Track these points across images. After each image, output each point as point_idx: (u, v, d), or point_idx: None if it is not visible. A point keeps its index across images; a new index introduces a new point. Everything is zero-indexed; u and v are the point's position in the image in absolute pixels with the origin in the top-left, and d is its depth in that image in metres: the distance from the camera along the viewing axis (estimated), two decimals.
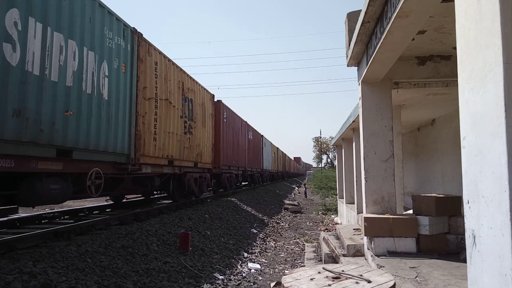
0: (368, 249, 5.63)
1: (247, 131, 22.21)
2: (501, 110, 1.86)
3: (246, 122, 21.85)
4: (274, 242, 11.01)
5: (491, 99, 1.95)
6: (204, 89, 13.64)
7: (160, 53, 9.70)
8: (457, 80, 2.37)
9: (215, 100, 15.52)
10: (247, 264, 8.05)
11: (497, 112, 1.90)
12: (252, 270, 7.63)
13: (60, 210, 9.58)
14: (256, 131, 25.91)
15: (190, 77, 12.14)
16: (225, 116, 16.43)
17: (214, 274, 6.61)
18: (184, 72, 11.50)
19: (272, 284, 6.57)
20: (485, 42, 2.01)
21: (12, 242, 5.51)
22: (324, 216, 17.80)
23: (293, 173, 71.17)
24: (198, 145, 12.51)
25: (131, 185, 9.21)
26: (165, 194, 12.59)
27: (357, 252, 6.09)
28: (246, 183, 24.89)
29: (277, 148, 41.31)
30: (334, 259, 6.61)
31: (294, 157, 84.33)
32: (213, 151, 14.39)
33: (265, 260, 8.79)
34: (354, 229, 7.59)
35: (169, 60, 10.31)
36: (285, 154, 55.45)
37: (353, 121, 9.71)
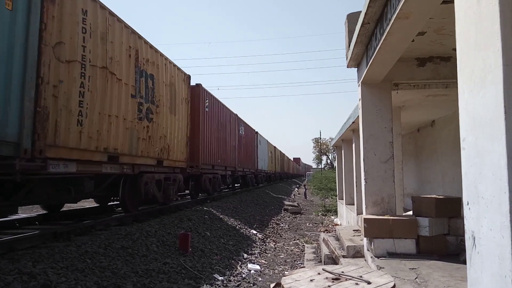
0: (368, 250, 5.62)
1: (238, 126, 19.55)
2: (501, 112, 1.86)
3: (236, 115, 19.09)
4: (274, 243, 11.01)
5: (491, 100, 1.95)
6: (175, 66, 10.67)
7: (96, 0, 6.81)
8: (456, 82, 2.37)
9: (193, 84, 12.60)
10: (247, 265, 8.05)
11: (496, 114, 1.90)
12: (252, 271, 7.62)
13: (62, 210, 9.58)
14: (249, 126, 23.39)
15: (151, 46, 9.12)
16: (206, 104, 13.75)
17: (214, 275, 6.60)
18: (141, 38, 8.55)
19: (272, 285, 6.56)
20: (484, 44, 2.01)
21: (12, 242, 5.51)
22: (324, 217, 17.79)
23: (292, 174, 69.60)
24: (163, 136, 9.68)
25: (41, 191, 6.54)
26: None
27: (357, 253, 6.09)
28: (238, 185, 22.34)
29: (275, 147, 38.80)
30: (334, 260, 6.61)
31: (293, 158, 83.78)
32: (188, 146, 11.41)
33: (265, 261, 8.79)
34: (354, 230, 7.59)
35: (113, 15, 7.40)
36: (284, 154, 53.04)
37: (353, 122, 9.72)
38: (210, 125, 14.19)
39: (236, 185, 21.87)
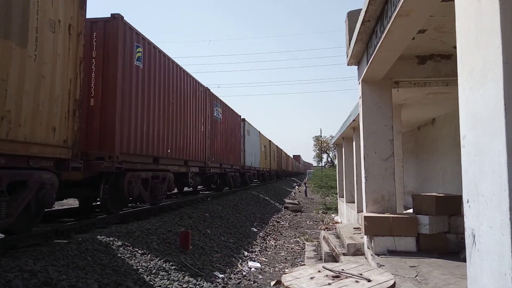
0: (368, 248, 5.63)
1: (210, 105, 14.32)
2: (501, 110, 1.86)
3: (207, 89, 14.04)
4: (274, 241, 11.03)
5: (491, 98, 1.95)
6: None
7: None
8: (457, 79, 2.37)
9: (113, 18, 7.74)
10: (247, 262, 8.06)
11: (496, 111, 1.90)
12: (252, 269, 7.64)
13: (61, 208, 9.58)
14: (231, 110, 18.42)
15: None
16: (138, 55, 8.52)
17: (214, 273, 6.62)
18: None
19: (272, 282, 6.59)
20: (485, 41, 2.01)
21: (13, 240, 5.52)
22: (324, 215, 17.81)
23: (291, 172, 66.02)
24: None
25: None
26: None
27: (357, 251, 6.10)
28: (214, 186, 17.01)
29: (270, 141, 33.95)
30: (334, 258, 6.62)
31: (293, 155, 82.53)
32: (78, 118, 6.15)
33: (265, 259, 8.80)
34: (354, 228, 7.60)
35: None
36: (281, 150, 47.48)
37: (353, 120, 9.71)
38: (146, 91, 8.86)
39: (212, 186, 16.96)
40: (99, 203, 8.53)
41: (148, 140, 8.98)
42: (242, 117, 21.40)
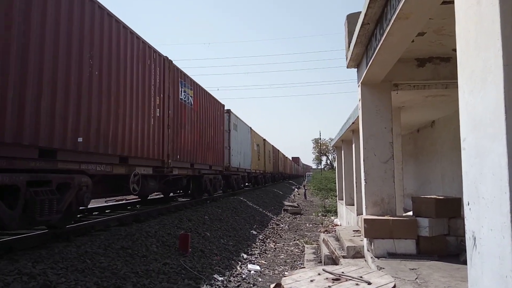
0: (368, 250, 5.62)
1: (173, 82, 10.60)
2: (501, 112, 1.86)
3: (166, 59, 10.22)
4: (274, 244, 11.01)
5: (491, 101, 1.95)
6: None
7: None
8: (456, 82, 2.37)
9: None
10: (247, 265, 8.04)
11: (497, 114, 1.90)
12: (252, 272, 7.62)
13: None
14: (212, 97, 14.61)
15: None
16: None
17: (214, 276, 6.60)
18: None
19: (272, 285, 6.56)
20: (485, 44, 2.01)
21: (12, 243, 5.50)
22: (323, 217, 17.79)
23: (290, 175, 62.66)
24: None
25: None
26: None
27: (357, 254, 6.09)
28: (181, 192, 14.48)
29: (264, 139, 30.48)
30: (334, 261, 6.61)
31: (292, 157, 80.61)
32: None
33: (265, 261, 8.78)
34: (354, 230, 7.58)
35: None
36: (278, 151, 43.64)
37: (353, 123, 9.72)
38: (71, 59, 6.13)
39: (179, 192, 14.50)
40: None
41: (24, 115, 5.17)
42: (226, 108, 17.43)
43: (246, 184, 24.52)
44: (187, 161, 11.70)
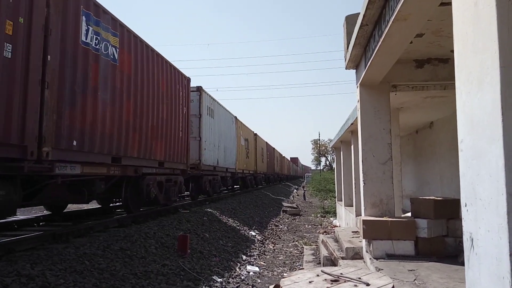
0: (367, 251, 5.63)
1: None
2: (498, 114, 1.87)
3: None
4: (273, 245, 11.00)
5: (488, 102, 1.96)
6: None
7: None
8: (454, 83, 2.38)
9: None
10: (246, 266, 8.04)
11: (494, 115, 1.91)
12: (251, 273, 7.62)
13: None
14: (169, 65, 10.44)
15: None
16: None
17: (213, 277, 6.59)
18: None
19: (271, 287, 6.56)
20: (482, 46, 2.02)
21: (10, 244, 5.49)
22: (323, 218, 17.80)
23: (287, 176, 59.08)
24: None
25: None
26: None
27: (355, 255, 6.09)
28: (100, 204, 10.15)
29: (255, 134, 25.91)
30: (332, 262, 6.61)
31: (290, 157, 77.86)
32: None
33: (264, 263, 8.78)
34: (352, 231, 7.59)
35: None
36: (274, 149, 38.50)
37: (352, 124, 9.72)
38: None
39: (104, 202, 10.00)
40: None
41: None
42: (196, 85, 13.41)
43: (233, 187, 21.20)
44: (105, 153, 7.20)
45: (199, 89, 13.45)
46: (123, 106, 7.92)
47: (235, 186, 21.83)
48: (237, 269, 7.69)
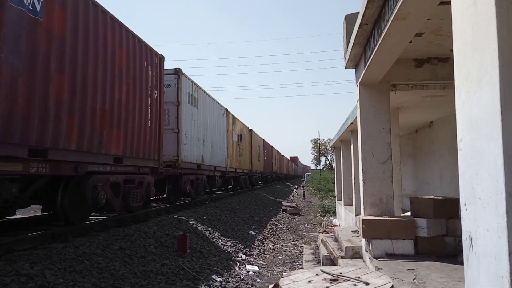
0: (366, 251, 5.63)
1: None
2: (497, 113, 1.87)
3: None
4: (273, 244, 11.01)
5: (487, 101, 1.96)
6: None
7: None
8: (454, 83, 2.37)
9: None
10: (245, 266, 8.04)
11: (493, 115, 1.91)
12: (250, 272, 7.62)
13: None
14: (130, 34, 8.23)
15: None
16: None
17: (212, 276, 6.60)
18: None
19: (270, 286, 6.56)
20: (481, 45, 2.02)
21: (9, 244, 5.49)
22: (322, 218, 17.80)
23: (287, 175, 57.58)
24: None
25: None
26: None
27: (355, 254, 6.09)
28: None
29: (251, 130, 24.23)
30: (332, 261, 6.61)
31: (290, 157, 77.09)
32: None
33: (264, 262, 8.78)
34: (352, 231, 7.59)
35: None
36: (272, 147, 36.86)
37: (351, 123, 9.72)
38: None
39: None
40: None
41: None
42: (174, 67, 11.30)
43: (226, 187, 19.40)
44: (14, 142, 5.18)
45: (177, 71, 11.17)
46: (50, 80, 5.77)
47: (228, 187, 20.05)
48: (237, 269, 7.69)
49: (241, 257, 8.72)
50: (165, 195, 11.84)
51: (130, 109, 8.13)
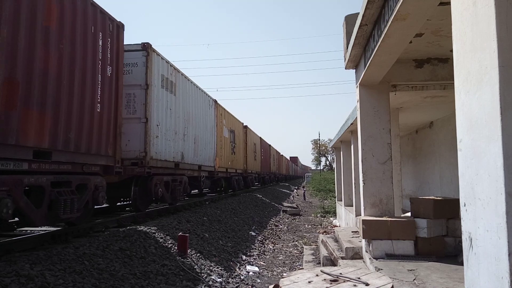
0: (366, 251, 5.62)
1: None
2: (497, 113, 1.86)
3: None
4: (273, 245, 11.01)
5: (487, 102, 1.96)
6: None
7: None
8: (454, 83, 2.38)
9: None
10: (246, 266, 8.04)
11: (492, 115, 1.91)
12: (251, 273, 7.62)
13: None
14: (88, 1, 6.65)
15: None
16: None
17: (212, 277, 6.59)
18: None
19: (270, 286, 6.56)
20: (480, 45, 2.02)
21: (9, 244, 5.49)
22: (322, 218, 17.80)
23: (286, 175, 55.95)
24: None
25: None
26: None
27: (355, 255, 6.09)
28: None
29: (246, 127, 22.36)
30: (332, 262, 6.61)
31: (290, 157, 75.71)
32: None
33: (264, 262, 8.78)
34: (352, 231, 7.59)
35: None
36: (270, 146, 34.35)
37: (351, 124, 9.72)
38: None
39: None
40: None
41: None
42: (141, 43, 9.05)
43: (215, 189, 17.34)
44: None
45: (146, 47, 8.97)
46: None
47: (217, 189, 17.73)
48: (237, 269, 7.69)
49: (241, 257, 8.72)
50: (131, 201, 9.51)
51: (64, 84, 6.02)
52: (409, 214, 5.99)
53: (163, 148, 9.77)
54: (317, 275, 3.50)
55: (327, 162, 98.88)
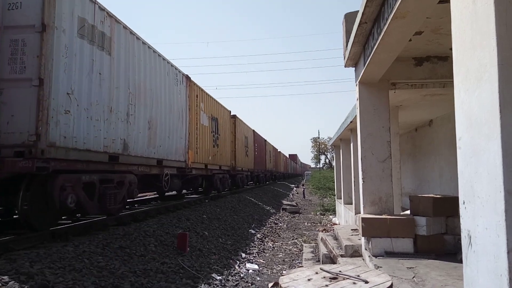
0: (366, 249, 5.63)
1: None
2: (496, 111, 1.87)
3: None
4: (272, 243, 11.02)
5: (486, 100, 1.96)
6: None
7: None
8: (453, 81, 2.38)
9: None
10: (245, 264, 8.05)
11: (492, 113, 1.91)
12: (250, 271, 7.63)
13: None
14: None
15: None
16: None
17: (212, 275, 6.60)
18: None
19: (270, 284, 6.57)
20: (480, 43, 2.02)
21: (9, 242, 5.50)
22: (322, 216, 17.82)
23: (285, 173, 53.70)
24: None
25: None
26: None
27: (354, 253, 6.10)
28: None
29: (234, 116, 19.14)
30: (332, 260, 6.62)
31: (289, 154, 73.90)
32: None
33: (263, 260, 8.80)
34: (352, 229, 7.60)
35: None
36: (266, 141, 31.62)
37: (351, 122, 9.72)
38: None
39: None
40: None
41: None
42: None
43: (197, 189, 15.04)
44: None
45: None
46: None
47: (199, 189, 15.13)
48: (236, 267, 7.70)
49: (241, 255, 8.73)
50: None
51: None
52: (408, 212, 6.00)
53: (83, 131, 6.65)
54: (316, 273, 3.51)
55: (327, 160, 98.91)
